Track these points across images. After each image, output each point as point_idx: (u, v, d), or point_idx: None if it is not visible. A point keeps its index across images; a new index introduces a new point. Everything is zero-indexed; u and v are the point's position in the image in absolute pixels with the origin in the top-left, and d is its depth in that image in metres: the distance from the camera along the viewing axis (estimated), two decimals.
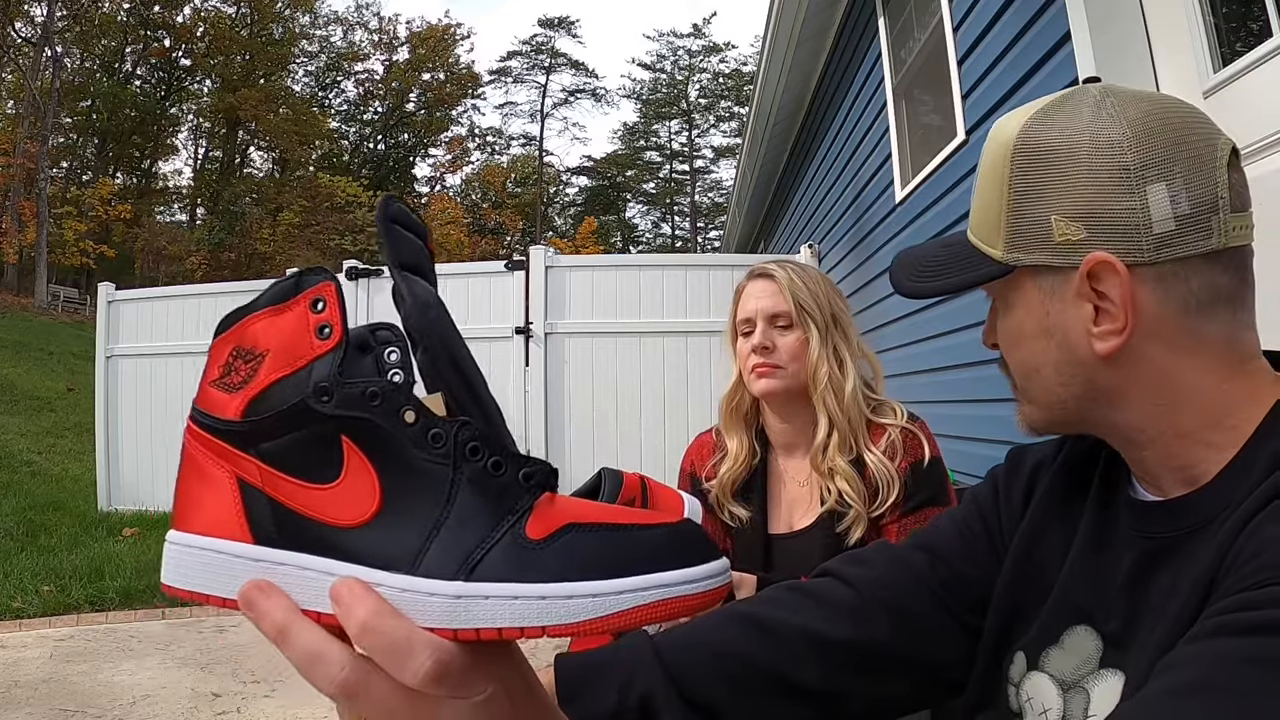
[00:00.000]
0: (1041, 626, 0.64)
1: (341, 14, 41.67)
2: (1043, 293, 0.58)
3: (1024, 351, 0.62)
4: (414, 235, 0.43)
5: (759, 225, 10.19)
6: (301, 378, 0.39)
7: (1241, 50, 1.62)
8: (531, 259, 5.22)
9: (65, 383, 12.41)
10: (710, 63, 40.77)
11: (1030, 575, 0.67)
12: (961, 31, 3.02)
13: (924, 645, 0.69)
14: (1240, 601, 0.44)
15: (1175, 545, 0.56)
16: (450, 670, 0.36)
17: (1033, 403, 0.63)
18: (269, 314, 0.41)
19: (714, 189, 41.42)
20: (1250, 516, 0.49)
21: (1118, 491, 0.64)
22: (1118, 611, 0.58)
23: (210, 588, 0.40)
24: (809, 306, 1.33)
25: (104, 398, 5.93)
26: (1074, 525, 0.66)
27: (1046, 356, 0.60)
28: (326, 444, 0.39)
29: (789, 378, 1.32)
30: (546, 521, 0.38)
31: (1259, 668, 0.40)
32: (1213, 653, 0.43)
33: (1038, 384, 0.62)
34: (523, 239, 39.15)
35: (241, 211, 31.88)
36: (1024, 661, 0.64)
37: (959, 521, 0.75)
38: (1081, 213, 0.55)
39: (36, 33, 26.39)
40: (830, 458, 1.28)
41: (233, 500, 0.40)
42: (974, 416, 2.99)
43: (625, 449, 4.88)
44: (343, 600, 0.36)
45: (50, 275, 24.54)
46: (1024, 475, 0.73)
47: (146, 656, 3.18)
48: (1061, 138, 0.56)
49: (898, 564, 0.73)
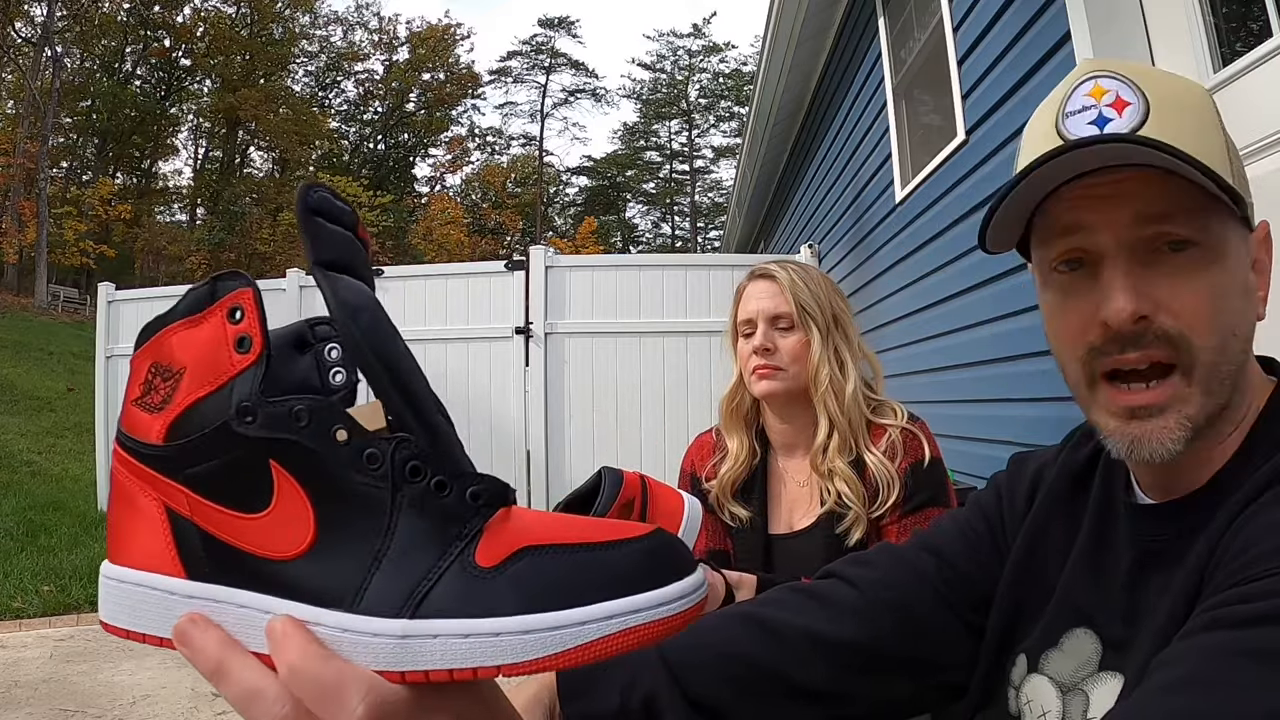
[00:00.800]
0: (1043, 629, 0.64)
1: (341, 14, 41.68)
2: (1244, 245, 0.55)
3: (1232, 310, 0.52)
4: (339, 226, 0.38)
5: (759, 225, 10.19)
6: (222, 397, 0.36)
7: (1241, 50, 1.62)
8: (531, 259, 5.22)
9: (65, 383, 12.41)
10: (710, 63, 40.81)
11: (1032, 576, 0.67)
12: (961, 31, 3.02)
13: (927, 645, 0.69)
14: (1234, 595, 0.44)
15: (1172, 548, 0.56)
16: (391, 713, 0.33)
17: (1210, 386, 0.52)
18: (184, 325, 0.37)
19: (714, 189, 41.45)
20: (1239, 511, 0.49)
21: (1117, 495, 0.64)
22: (1117, 614, 0.58)
23: (147, 627, 0.37)
24: (810, 308, 1.33)
25: (104, 398, 5.92)
26: (1076, 527, 0.66)
27: (1247, 317, 0.54)
28: (254, 469, 0.35)
29: (790, 379, 1.32)
30: (499, 545, 0.35)
31: (1255, 660, 0.40)
32: (1207, 647, 0.42)
33: (1230, 354, 0.53)
34: (523, 239, 39.16)
35: (241, 211, 31.89)
36: (1025, 664, 0.64)
37: (962, 523, 0.75)
38: (1244, 183, 0.56)
39: (36, 33, 26.39)
40: (830, 459, 1.28)
41: (163, 531, 0.37)
42: (974, 416, 2.99)
43: (625, 449, 4.88)
44: (274, 639, 0.34)
45: (50, 275, 24.53)
46: (1027, 478, 0.73)
47: (146, 656, 3.18)
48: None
49: (901, 564, 0.72)
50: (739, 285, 1.42)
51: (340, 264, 0.37)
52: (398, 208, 34.98)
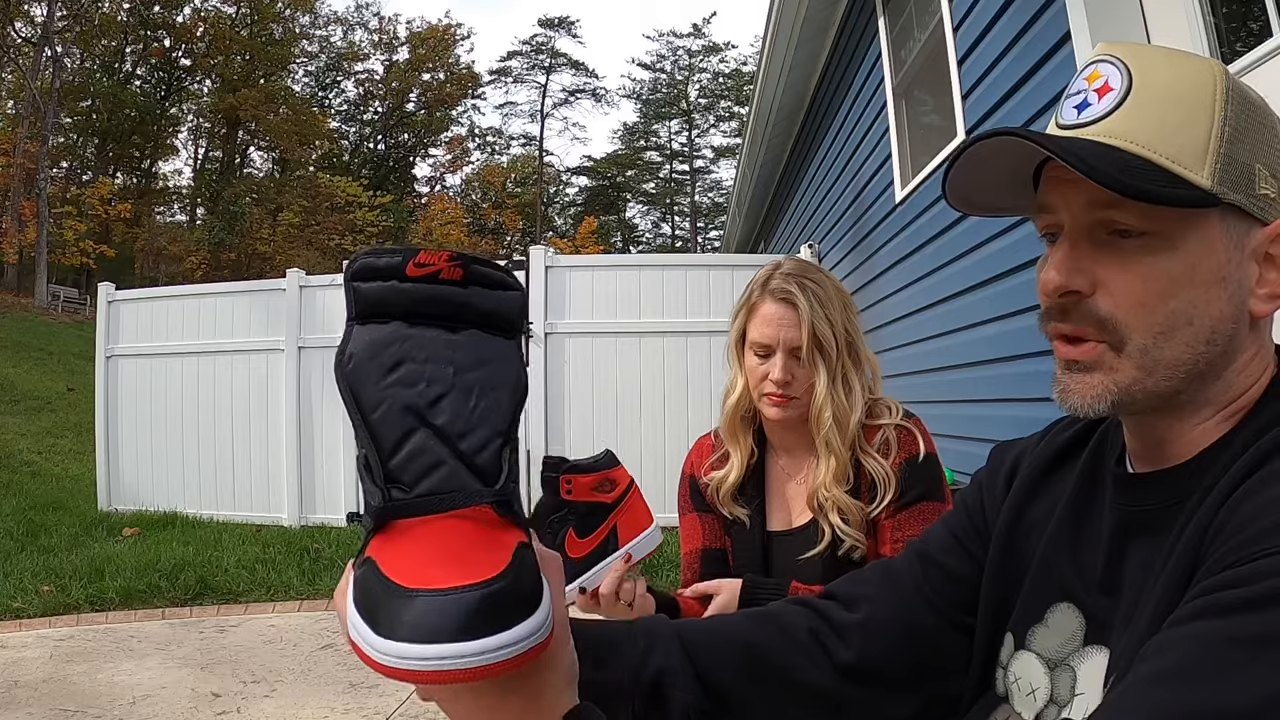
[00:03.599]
0: (1025, 604, 0.64)
1: (341, 14, 41.61)
2: (1228, 237, 0.55)
3: (1184, 299, 0.54)
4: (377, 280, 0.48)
5: (759, 225, 10.19)
6: None
7: (1241, 50, 1.62)
8: (531, 259, 5.22)
9: (65, 383, 12.42)
10: (710, 63, 40.79)
11: (1013, 554, 0.67)
12: (961, 31, 3.02)
13: (926, 657, 0.69)
14: (1223, 580, 0.44)
15: (1151, 520, 0.56)
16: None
17: (1145, 364, 0.55)
18: None
19: (714, 189, 41.43)
20: (1231, 490, 0.49)
21: (1105, 467, 0.64)
22: (1097, 585, 0.59)
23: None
24: (825, 341, 1.30)
25: (104, 398, 5.93)
26: (1055, 500, 0.66)
27: (1212, 307, 0.54)
28: None
29: (803, 407, 1.32)
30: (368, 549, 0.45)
31: (1246, 648, 0.40)
32: (1196, 636, 0.42)
33: (1179, 340, 0.54)
34: (523, 239, 39.15)
35: (241, 211, 31.87)
36: (1012, 642, 0.64)
37: (949, 522, 0.76)
38: (1276, 173, 0.55)
39: (36, 33, 26.40)
40: (828, 489, 1.28)
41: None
42: (974, 416, 2.99)
43: (625, 448, 4.83)
44: None
45: (50, 275, 24.54)
46: (1006, 465, 0.74)
47: (146, 656, 3.18)
48: (1259, 99, 0.57)
49: (894, 581, 0.73)
50: (752, 296, 1.37)
51: (370, 315, 0.48)
52: (398, 208, 34.96)
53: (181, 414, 5.74)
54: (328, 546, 4.68)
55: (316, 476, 5.47)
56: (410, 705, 2.67)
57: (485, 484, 0.46)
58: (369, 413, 0.46)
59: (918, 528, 1.24)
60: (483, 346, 0.48)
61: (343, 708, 2.66)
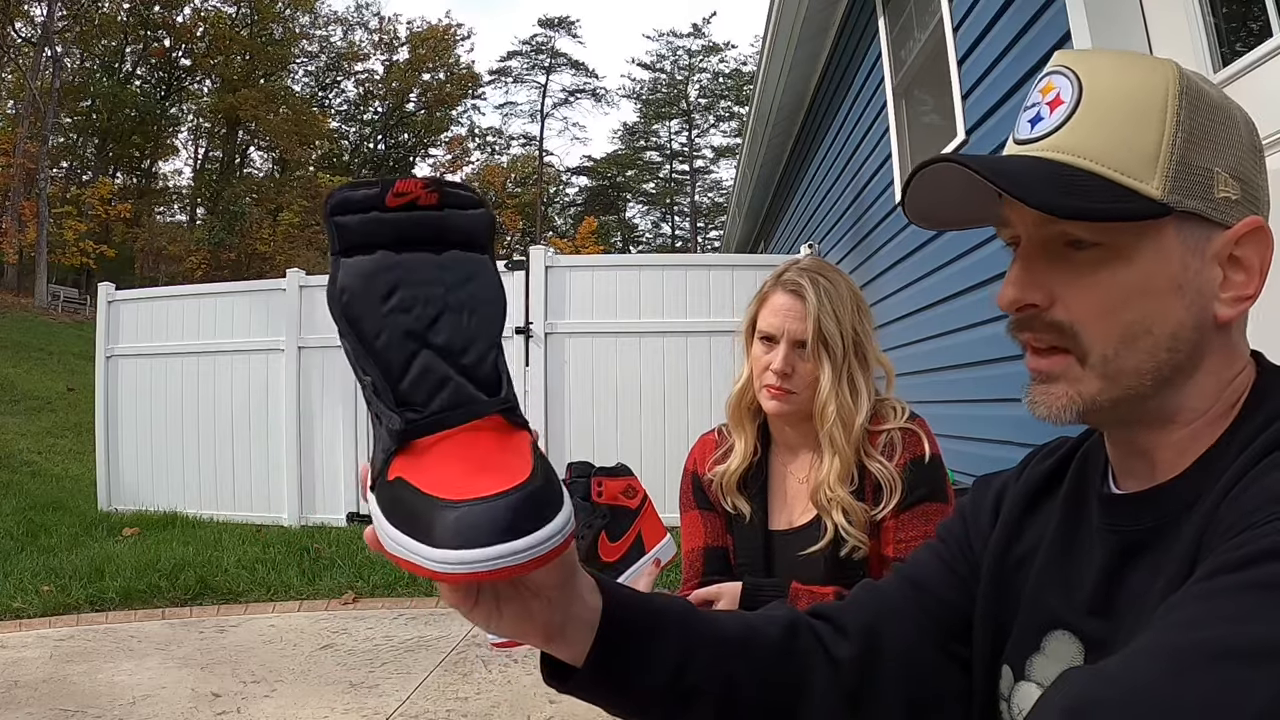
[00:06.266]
0: (1019, 636, 0.63)
1: (341, 14, 41.67)
2: (1185, 245, 0.53)
3: (1140, 309, 0.54)
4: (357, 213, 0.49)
5: (759, 225, 10.19)
6: None
7: (1241, 50, 1.62)
8: (531, 259, 5.22)
9: (65, 383, 12.42)
10: (710, 63, 40.80)
11: (1005, 589, 0.66)
12: (961, 31, 3.02)
13: (917, 682, 0.68)
14: (1231, 546, 0.43)
15: (1150, 540, 0.55)
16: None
17: (1108, 373, 0.55)
18: None
19: (714, 189, 41.44)
20: (1222, 497, 0.49)
21: (1090, 489, 0.63)
22: (1088, 609, 0.58)
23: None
24: (831, 337, 1.30)
25: (104, 398, 5.92)
26: (1040, 533, 0.65)
27: (1170, 316, 0.54)
28: None
29: (802, 402, 1.32)
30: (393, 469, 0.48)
31: (1258, 591, 0.38)
32: (1204, 592, 0.40)
33: (1139, 349, 0.54)
34: (523, 239, 39.16)
35: (241, 211, 31.87)
36: (1010, 674, 0.63)
37: (937, 549, 0.75)
38: (1237, 174, 0.55)
39: (36, 33, 26.39)
40: (831, 489, 1.28)
41: None
42: (974, 416, 2.99)
43: (625, 448, 4.87)
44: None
45: (50, 275, 24.54)
46: (990, 496, 0.72)
47: (146, 656, 3.18)
48: (1219, 97, 0.56)
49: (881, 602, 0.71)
50: (766, 287, 1.38)
51: (355, 247, 0.48)
52: None
53: (181, 414, 5.73)
54: (328, 546, 4.68)
55: (316, 476, 5.46)
56: (410, 705, 2.67)
57: (488, 394, 0.49)
58: (373, 341, 0.48)
59: (920, 529, 1.24)
60: (466, 265, 0.51)
61: (343, 708, 2.66)
